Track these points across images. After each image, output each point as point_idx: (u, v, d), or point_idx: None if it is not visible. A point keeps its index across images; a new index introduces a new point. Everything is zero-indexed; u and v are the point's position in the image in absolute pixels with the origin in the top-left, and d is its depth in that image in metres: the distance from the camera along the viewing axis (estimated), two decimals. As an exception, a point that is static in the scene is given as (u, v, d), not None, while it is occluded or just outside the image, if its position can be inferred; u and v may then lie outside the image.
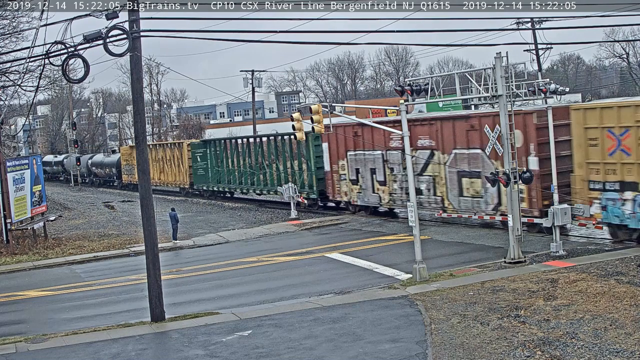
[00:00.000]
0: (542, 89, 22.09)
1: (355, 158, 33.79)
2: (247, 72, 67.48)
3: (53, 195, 58.04)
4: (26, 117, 51.57)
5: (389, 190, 31.85)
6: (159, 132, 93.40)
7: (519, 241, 21.31)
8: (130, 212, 44.51)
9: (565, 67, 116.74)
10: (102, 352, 15.84)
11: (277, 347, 15.08)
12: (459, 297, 17.88)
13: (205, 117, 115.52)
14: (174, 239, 31.28)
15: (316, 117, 21.88)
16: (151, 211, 18.58)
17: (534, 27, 50.24)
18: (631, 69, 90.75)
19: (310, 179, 37.84)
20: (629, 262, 19.91)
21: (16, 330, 18.83)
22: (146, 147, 18.80)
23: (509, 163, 21.19)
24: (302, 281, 22.31)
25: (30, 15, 34.00)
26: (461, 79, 22.66)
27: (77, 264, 28.62)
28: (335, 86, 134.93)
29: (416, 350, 14.14)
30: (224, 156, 47.22)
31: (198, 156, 49.72)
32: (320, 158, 36.56)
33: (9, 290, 24.24)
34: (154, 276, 18.44)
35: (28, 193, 34.01)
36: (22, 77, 32.51)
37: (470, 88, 22.62)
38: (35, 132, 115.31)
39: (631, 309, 15.40)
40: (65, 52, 17.19)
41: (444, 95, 23.63)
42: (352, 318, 16.87)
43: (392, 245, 26.78)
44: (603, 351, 13.12)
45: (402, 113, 21.03)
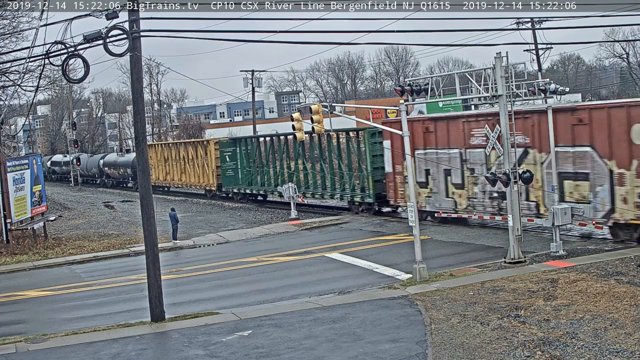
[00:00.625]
0: (542, 89, 22.11)
1: (425, 157, 29.71)
2: (247, 72, 67.49)
3: (53, 196, 58.01)
4: (26, 117, 51.65)
5: (468, 195, 27.86)
6: (159, 132, 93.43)
7: (519, 241, 21.31)
8: (130, 212, 44.51)
9: (565, 67, 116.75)
10: (102, 352, 15.84)
11: (277, 347, 15.07)
12: (459, 297, 17.87)
13: (205, 117, 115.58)
14: (174, 239, 31.28)
15: (316, 117, 21.89)
16: (151, 211, 18.58)
17: (534, 27, 50.27)
18: (631, 69, 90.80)
19: (363, 181, 34.57)
20: (629, 262, 19.91)
21: (16, 330, 18.82)
22: (146, 146, 18.79)
23: (508, 163, 21.20)
24: (302, 281, 22.31)
25: (30, 15, 34.08)
26: (461, 79, 22.68)
27: (77, 264, 28.62)
28: (335, 86, 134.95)
29: (416, 350, 14.14)
30: (257, 155, 43.87)
31: (227, 155, 45.89)
32: (378, 157, 33.03)
33: (9, 290, 24.24)
34: (154, 276, 18.44)
35: (28, 193, 34.02)
36: (22, 77, 32.55)
37: (470, 88, 22.65)
38: (35, 132, 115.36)
39: (631, 309, 15.39)
40: (65, 52, 17.19)
41: (444, 95, 23.64)
42: (352, 318, 16.87)
43: (392, 245, 26.78)
44: (603, 351, 13.12)
45: (402, 113, 21.03)
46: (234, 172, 45.88)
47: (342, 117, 26.81)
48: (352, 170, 35.53)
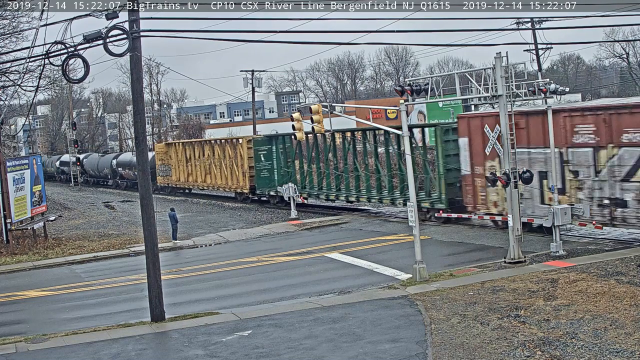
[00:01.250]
0: (542, 89, 22.11)
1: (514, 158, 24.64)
2: (247, 72, 67.51)
3: (53, 196, 57.98)
4: (26, 117, 51.71)
5: (570, 201, 24.19)
6: (159, 132, 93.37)
7: (519, 241, 21.31)
8: (130, 212, 44.50)
9: (565, 67, 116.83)
10: (102, 352, 15.84)
11: (277, 347, 15.08)
12: (459, 297, 17.87)
13: (205, 117, 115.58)
14: (173, 239, 31.28)
15: (316, 117, 21.90)
16: (151, 211, 18.59)
17: (534, 27, 50.27)
18: (631, 69, 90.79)
19: (427, 184, 31.09)
20: (629, 262, 19.91)
21: (16, 330, 18.82)
22: (146, 147, 18.79)
23: (508, 163, 21.20)
24: (302, 281, 22.31)
25: (30, 15, 34.06)
26: (461, 79, 22.68)
27: (77, 264, 28.62)
28: (335, 86, 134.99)
29: (416, 350, 14.14)
30: (297, 155, 40.21)
31: (262, 155, 41.79)
32: (452, 157, 29.23)
33: (9, 290, 24.24)
34: (154, 276, 18.45)
35: (28, 193, 34.03)
36: (22, 77, 32.54)
37: (470, 88, 22.64)
38: (35, 132, 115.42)
39: (631, 309, 15.39)
40: (65, 52, 17.20)
41: (444, 95, 23.63)
42: (352, 318, 16.87)
43: (392, 245, 26.78)
44: (603, 351, 13.13)
45: (402, 113, 21.03)
46: (269, 173, 41.84)
47: (342, 117, 26.83)
48: (416, 172, 29.90)
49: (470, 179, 28.05)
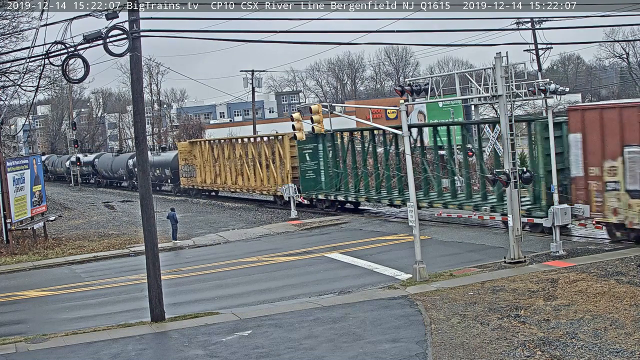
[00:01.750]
0: (542, 89, 22.11)
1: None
2: (247, 72, 67.51)
3: (53, 196, 57.98)
4: (26, 117, 51.62)
5: None
6: (159, 132, 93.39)
7: (519, 241, 21.32)
8: (130, 212, 44.50)
9: (565, 67, 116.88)
10: (102, 352, 15.84)
11: (277, 347, 15.08)
12: (459, 297, 17.88)
13: (205, 117, 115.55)
14: (173, 239, 31.28)
15: (316, 117, 21.92)
16: (151, 211, 18.58)
17: (534, 27, 50.27)
18: (631, 69, 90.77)
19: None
20: (629, 262, 19.92)
21: (16, 330, 18.82)
22: (146, 147, 18.79)
23: (508, 163, 21.20)
24: (302, 281, 22.31)
25: (30, 15, 34.07)
26: (461, 79, 22.69)
27: (77, 264, 28.61)
28: (335, 86, 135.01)
29: (416, 350, 14.15)
30: (350, 154, 36.73)
31: (307, 154, 37.91)
32: (556, 156, 23.40)
33: (9, 290, 24.24)
34: (154, 276, 18.45)
35: (28, 193, 34.01)
36: (22, 77, 32.52)
37: (470, 88, 22.64)
38: (35, 132, 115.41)
39: (631, 309, 15.40)
40: (65, 52, 17.20)
41: (444, 95, 23.64)
42: (352, 318, 16.87)
43: (392, 245, 26.78)
44: (603, 351, 13.13)
45: (402, 114, 21.04)
46: (316, 175, 37.95)
47: (342, 117, 26.84)
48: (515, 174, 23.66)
49: (583, 181, 23.79)
